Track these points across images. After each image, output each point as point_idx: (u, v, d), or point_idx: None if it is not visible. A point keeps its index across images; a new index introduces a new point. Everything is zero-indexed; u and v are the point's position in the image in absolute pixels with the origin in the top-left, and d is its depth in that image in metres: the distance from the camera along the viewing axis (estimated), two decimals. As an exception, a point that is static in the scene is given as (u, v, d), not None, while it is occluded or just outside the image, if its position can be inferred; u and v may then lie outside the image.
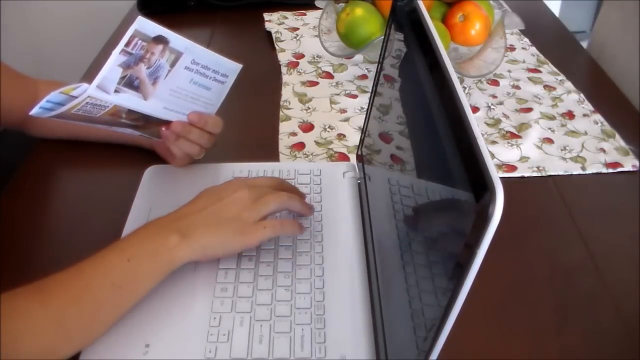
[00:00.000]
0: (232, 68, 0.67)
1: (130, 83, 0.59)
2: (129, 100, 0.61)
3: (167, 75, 0.62)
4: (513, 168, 0.79)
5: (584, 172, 0.78)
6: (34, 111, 0.56)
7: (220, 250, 0.58)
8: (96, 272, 0.53)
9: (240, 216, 0.58)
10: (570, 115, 0.89)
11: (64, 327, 0.50)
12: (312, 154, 0.81)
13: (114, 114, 0.62)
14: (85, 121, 0.61)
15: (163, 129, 0.66)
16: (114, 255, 0.54)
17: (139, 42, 0.58)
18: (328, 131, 0.86)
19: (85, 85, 0.56)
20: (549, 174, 0.78)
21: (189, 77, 0.64)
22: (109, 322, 0.53)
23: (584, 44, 1.14)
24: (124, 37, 0.57)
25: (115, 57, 0.57)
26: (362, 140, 0.73)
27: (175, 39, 0.60)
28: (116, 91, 0.59)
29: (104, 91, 0.58)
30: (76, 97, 0.56)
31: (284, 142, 0.84)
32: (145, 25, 0.57)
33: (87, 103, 0.57)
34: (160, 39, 0.59)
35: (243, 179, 0.67)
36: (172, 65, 0.62)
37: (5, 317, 0.47)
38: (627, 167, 0.79)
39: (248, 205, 0.59)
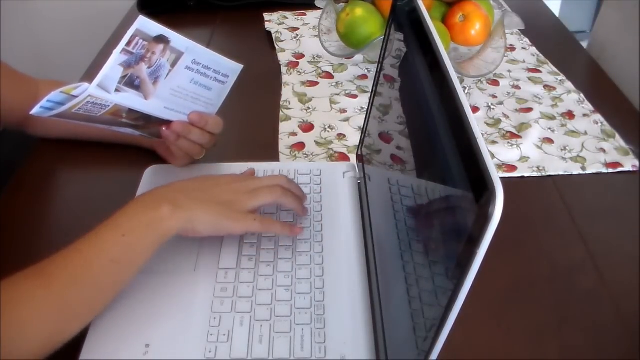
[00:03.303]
0: (232, 68, 0.67)
1: (131, 82, 0.59)
2: (130, 99, 0.61)
3: (167, 75, 0.62)
4: (513, 168, 0.79)
5: (584, 172, 0.78)
6: (35, 111, 0.56)
7: (208, 227, 0.58)
8: (94, 250, 0.53)
9: (232, 202, 0.60)
10: (570, 115, 0.89)
11: (67, 307, 0.51)
12: (312, 154, 0.81)
13: (115, 114, 0.62)
14: (85, 121, 0.61)
15: (163, 128, 0.66)
16: (110, 232, 0.54)
17: (140, 41, 0.58)
18: (328, 131, 0.86)
19: (85, 84, 0.56)
20: (549, 174, 0.78)
21: (189, 77, 0.64)
22: (110, 297, 0.54)
23: (584, 44, 1.14)
24: (125, 36, 0.57)
25: (116, 56, 0.57)
26: (362, 140, 0.73)
27: (176, 38, 0.60)
28: (117, 90, 0.59)
29: (104, 90, 0.58)
30: (77, 97, 0.56)
31: (284, 142, 0.84)
32: (147, 25, 0.57)
33: (87, 102, 0.58)
34: (161, 39, 0.59)
35: (243, 176, 0.68)
36: (173, 64, 0.62)
37: (9, 304, 0.47)
38: (627, 167, 0.79)
39: (241, 195, 0.61)
